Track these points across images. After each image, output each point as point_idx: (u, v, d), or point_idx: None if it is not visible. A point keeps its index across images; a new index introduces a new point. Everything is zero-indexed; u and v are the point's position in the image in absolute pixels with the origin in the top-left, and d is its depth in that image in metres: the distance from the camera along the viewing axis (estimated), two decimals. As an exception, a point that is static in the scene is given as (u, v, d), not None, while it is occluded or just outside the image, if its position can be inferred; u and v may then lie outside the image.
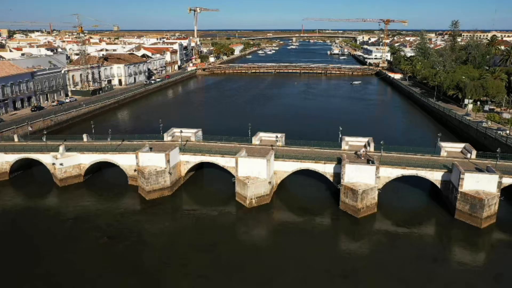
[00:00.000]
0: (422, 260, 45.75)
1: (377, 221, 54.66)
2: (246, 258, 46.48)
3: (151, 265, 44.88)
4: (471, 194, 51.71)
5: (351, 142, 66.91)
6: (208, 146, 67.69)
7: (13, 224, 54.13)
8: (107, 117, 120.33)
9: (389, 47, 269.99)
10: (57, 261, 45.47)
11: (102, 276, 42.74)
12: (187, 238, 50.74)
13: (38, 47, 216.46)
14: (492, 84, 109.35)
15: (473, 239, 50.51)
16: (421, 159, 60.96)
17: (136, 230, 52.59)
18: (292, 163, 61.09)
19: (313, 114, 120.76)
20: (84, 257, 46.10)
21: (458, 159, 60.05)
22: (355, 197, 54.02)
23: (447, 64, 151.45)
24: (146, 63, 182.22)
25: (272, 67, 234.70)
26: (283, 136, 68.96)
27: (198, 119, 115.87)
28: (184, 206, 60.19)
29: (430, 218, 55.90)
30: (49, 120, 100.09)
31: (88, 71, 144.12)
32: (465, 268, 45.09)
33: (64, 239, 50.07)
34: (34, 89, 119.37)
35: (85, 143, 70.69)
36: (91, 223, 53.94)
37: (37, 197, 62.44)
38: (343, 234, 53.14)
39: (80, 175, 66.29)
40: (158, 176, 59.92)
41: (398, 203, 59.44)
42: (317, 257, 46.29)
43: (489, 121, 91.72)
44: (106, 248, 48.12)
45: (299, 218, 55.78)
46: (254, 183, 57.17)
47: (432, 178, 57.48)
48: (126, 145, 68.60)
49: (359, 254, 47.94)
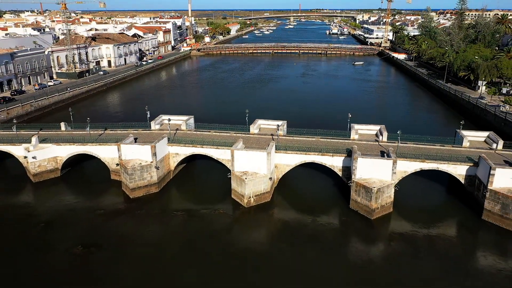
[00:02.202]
0: (445, 271, 39.37)
1: (393, 222, 47.97)
2: (244, 267, 39.97)
3: (133, 278, 38.14)
4: (503, 192, 44.85)
5: (361, 131, 59.59)
6: (200, 135, 60.21)
7: (-24, 228, 47.06)
8: (94, 101, 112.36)
9: (391, 26, 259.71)
10: (24, 271, 38.64)
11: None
12: (176, 245, 43.96)
13: (24, 26, 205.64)
14: (507, 64, 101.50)
15: (504, 245, 43.91)
16: (441, 150, 53.88)
17: (117, 235, 45.60)
18: (295, 155, 53.85)
19: (316, 98, 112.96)
20: (53, 273, 39.19)
21: (483, 150, 53.08)
22: (369, 195, 47.07)
23: (455, 44, 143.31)
24: (137, 43, 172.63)
25: (270, 47, 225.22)
26: (285, 124, 61.51)
27: (190, 104, 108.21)
28: (173, 206, 53.07)
29: (454, 218, 49.16)
30: (29, 105, 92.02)
31: (75, 52, 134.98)
32: (496, 278, 38.60)
33: (34, 245, 43.24)
34: (15, 71, 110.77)
35: (62, 133, 63.10)
36: (66, 226, 46.97)
37: (8, 194, 55.24)
38: (354, 238, 46.28)
39: (56, 169, 58.94)
40: (143, 171, 52.68)
41: (415, 201, 52.63)
42: (324, 266, 39.88)
43: (507, 105, 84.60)
44: (80, 260, 41.11)
45: (304, 219, 48.87)
46: (253, 180, 50.05)
47: (455, 173, 50.51)
48: (109, 134, 61.10)
49: (374, 262, 41.31)
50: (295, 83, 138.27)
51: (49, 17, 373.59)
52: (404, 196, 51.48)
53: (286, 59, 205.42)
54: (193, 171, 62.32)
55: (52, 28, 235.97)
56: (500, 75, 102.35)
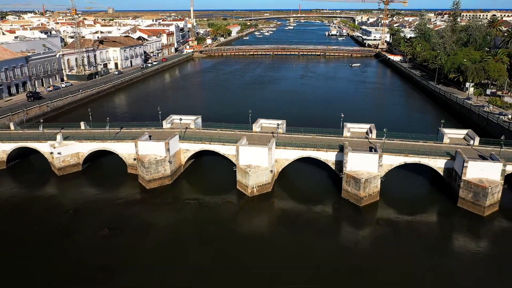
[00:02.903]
0: (425, 250, 45.68)
1: (380, 209, 54.36)
2: (248, 249, 46.19)
3: (153, 256, 44.57)
4: (474, 182, 51.34)
5: (353, 129, 66.09)
6: (208, 133, 66.75)
7: (13, 214, 53.48)
8: (104, 102, 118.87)
9: (388, 28, 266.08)
10: (58, 252, 45.08)
11: (104, 267, 42.41)
12: (188, 229, 50.33)
13: (32, 29, 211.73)
14: (493, 66, 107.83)
15: (475, 228, 50.40)
16: (424, 146, 60.37)
17: (137, 220, 52.08)
18: (294, 151, 60.36)
19: (313, 99, 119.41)
20: (85, 248, 45.71)
21: (461, 146, 59.52)
22: (358, 185, 53.56)
23: (447, 46, 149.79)
24: (142, 46, 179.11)
25: (270, 49, 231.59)
26: (284, 123, 68.01)
27: (196, 104, 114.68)
28: (184, 195, 59.55)
29: (433, 206, 55.66)
30: (45, 106, 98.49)
31: (84, 55, 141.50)
32: (468, 257, 45.06)
33: (65, 230, 49.62)
34: (29, 74, 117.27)
35: (83, 131, 69.57)
36: (91, 213, 53.43)
37: (36, 186, 61.66)
38: (345, 223, 52.83)
39: (78, 164, 65.44)
40: (158, 165, 59.15)
41: (400, 191, 59.07)
42: (319, 247, 46.09)
43: (490, 105, 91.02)
44: (106, 239, 47.66)
45: (301, 206, 55.38)
46: (256, 172, 56.54)
47: (435, 166, 57.00)
48: (125, 133, 67.54)
49: (362, 243, 47.77)
50: (294, 84, 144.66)
51: (53, 19, 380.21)
52: (390, 187, 57.89)
53: (286, 60, 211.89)
54: (202, 165, 68.81)
55: (57, 31, 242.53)
56: (487, 77, 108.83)
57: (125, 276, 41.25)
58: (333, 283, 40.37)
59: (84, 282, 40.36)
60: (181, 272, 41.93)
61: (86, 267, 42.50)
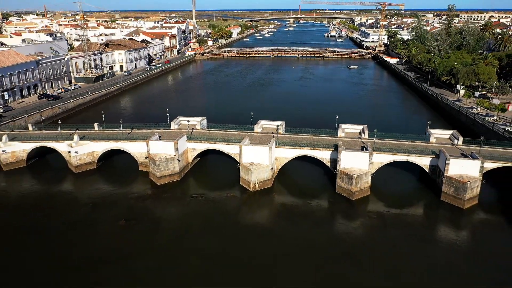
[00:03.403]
0: (410, 239, 51.03)
1: (370, 203, 59.70)
2: (251, 237, 51.53)
3: (164, 243, 49.98)
4: (455, 178, 56.71)
5: (347, 130, 71.45)
6: (213, 134, 72.11)
7: (36, 207, 58.78)
8: (111, 104, 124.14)
9: (386, 30, 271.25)
10: (80, 241, 50.37)
11: (123, 252, 47.77)
12: (196, 220, 55.61)
13: (37, 32, 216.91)
14: (483, 70, 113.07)
15: (456, 219, 55.75)
16: (412, 145, 65.72)
17: (150, 213, 57.53)
18: (292, 150, 65.74)
19: (311, 100, 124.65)
20: (105, 237, 51.09)
21: (445, 145, 64.83)
22: (350, 181, 58.94)
23: (442, 49, 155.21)
24: (146, 48, 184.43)
25: (270, 51, 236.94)
26: (283, 124, 73.38)
27: (200, 106, 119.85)
28: (192, 191, 64.91)
29: (419, 199, 61.06)
30: (57, 108, 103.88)
31: (91, 58, 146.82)
32: (449, 245, 50.37)
33: (85, 222, 54.93)
34: (40, 76, 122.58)
35: (96, 132, 74.94)
36: (108, 206, 58.81)
37: (55, 182, 67.03)
38: (338, 215, 58.20)
39: (93, 162, 70.83)
40: (167, 163, 64.53)
41: (389, 186, 64.43)
42: (315, 237, 51.38)
43: (479, 107, 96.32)
44: (124, 229, 53.05)
45: (299, 200, 60.81)
46: (257, 169, 61.92)
47: (421, 163, 62.37)
48: (136, 133, 72.91)
49: (354, 233, 53.17)
50: (293, 86, 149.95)
51: (56, 21, 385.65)
52: (381, 182, 63.28)
53: (286, 62, 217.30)
54: (207, 163, 74.17)
55: (62, 33, 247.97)
56: (478, 80, 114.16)
57: (142, 259, 46.62)
58: (327, 266, 45.70)
59: (106, 264, 45.74)
60: (190, 256, 47.33)
61: (107, 252, 47.90)
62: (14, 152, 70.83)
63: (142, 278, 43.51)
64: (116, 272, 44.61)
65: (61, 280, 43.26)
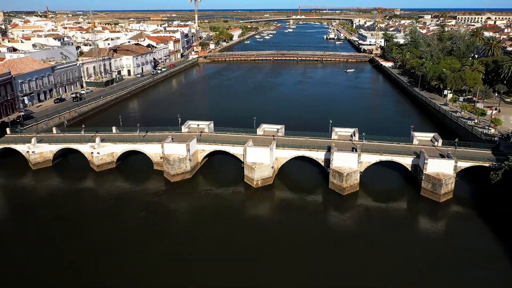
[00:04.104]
0: (393, 228, 59.35)
1: (359, 197, 68.02)
2: (254, 227, 59.85)
3: (179, 232, 58.28)
4: (432, 175, 65.04)
5: (340, 133, 79.77)
6: (219, 136, 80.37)
7: (65, 201, 67.03)
8: (121, 107, 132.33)
9: (383, 34, 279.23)
10: (107, 229, 58.65)
11: (144, 238, 56.12)
12: (205, 212, 63.84)
13: (46, 36, 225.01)
14: (470, 75, 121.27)
15: (433, 211, 64.05)
16: (397, 147, 74.04)
17: (165, 206, 66.02)
18: (290, 151, 74.04)
19: (309, 104, 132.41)
20: (129, 226, 59.42)
21: (427, 147, 73.19)
22: (341, 178, 67.26)
23: (434, 54, 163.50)
24: (151, 53, 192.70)
25: (271, 55, 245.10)
26: (283, 127, 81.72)
27: (205, 109, 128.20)
28: (202, 187, 73.25)
29: (402, 194, 69.48)
30: (74, 112, 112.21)
31: (100, 63, 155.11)
32: (425, 233, 58.82)
33: (110, 213, 63.33)
34: (55, 82, 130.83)
35: (114, 134, 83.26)
36: (129, 201, 67.16)
37: (80, 180, 75.37)
38: (331, 208, 66.56)
39: (113, 162, 79.12)
40: (180, 162, 72.86)
41: (376, 183, 72.69)
42: (310, 226, 59.66)
43: (463, 111, 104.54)
44: (145, 219, 61.43)
45: (296, 195, 69.22)
46: (260, 168, 70.26)
47: (404, 163, 70.71)
48: (150, 136, 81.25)
49: (344, 223, 61.67)
50: (292, 90, 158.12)
51: (60, 23, 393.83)
52: (369, 179, 71.58)
53: (285, 65, 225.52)
54: (215, 163, 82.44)
55: (68, 37, 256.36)
56: (464, 85, 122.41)
57: (160, 244, 54.96)
58: (319, 250, 53.98)
59: (130, 248, 54.03)
60: (200, 242, 55.44)
61: (132, 237, 56.21)
62: (41, 153, 79.14)
63: (162, 259, 51.72)
64: (140, 254, 52.82)
65: (93, 260, 51.47)
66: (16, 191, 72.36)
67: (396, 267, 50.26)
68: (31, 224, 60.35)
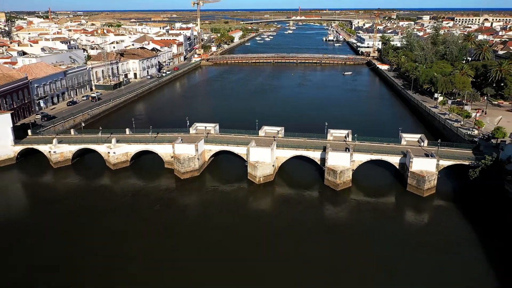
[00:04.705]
0: (382, 219, 66.61)
1: (351, 193, 75.39)
2: (256, 219, 67.22)
3: (190, 223, 65.61)
4: (417, 172, 72.40)
5: (335, 134, 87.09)
6: (225, 138, 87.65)
7: (85, 195, 74.34)
8: (129, 109, 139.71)
9: (380, 36, 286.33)
10: (124, 222, 65.92)
11: (161, 228, 63.51)
12: (212, 206, 71.28)
13: (53, 40, 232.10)
14: (459, 79, 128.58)
15: (417, 204, 71.38)
16: (386, 147, 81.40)
17: (177, 200, 73.45)
18: (290, 150, 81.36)
19: (307, 107, 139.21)
20: (145, 218, 66.82)
21: (413, 147, 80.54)
22: (335, 175, 74.62)
23: (428, 58, 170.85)
24: (156, 57, 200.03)
25: (271, 58, 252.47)
26: (283, 129, 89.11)
27: (210, 112, 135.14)
28: (209, 183, 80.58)
29: (390, 190, 76.88)
30: (87, 114, 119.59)
31: (109, 67, 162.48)
32: (410, 224, 66.37)
33: (127, 207, 70.70)
34: (66, 85, 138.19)
35: (128, 135, 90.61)
36: (144, 196, 74.56)
37: (98, 177, 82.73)
38: (326, 202, 73.84)
39: (127, 161, 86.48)
40: (189, 161, 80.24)
41: (367, 179, 79.99)
42: (307, 218, 67.02)
43: (451, 113, 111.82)
44: (159, 212, 68.87)
45: (295, 191, 76.59)
46: (262, 166, 77.62)
47: (393, 161, 78.06)
48: (160, 137, 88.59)
49: (337, 215, 69.12)
50: (291, 93, 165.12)
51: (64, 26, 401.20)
52: (361, 176, 78.92)
53: (285, 68, 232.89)
54: (220, 162, 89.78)
55: (74, 40, 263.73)
56: (454, 88, 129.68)
57: (173, 233, 62.36)
58: (315, 239, 61.31)
59: (147, 236, 61.39)
60: (208, 231, 62.78)
61: (147, 229, 63.55)
62: (62, 153, 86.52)
63: (175, 245, 59.07)
64: (156, 242, 60.16)
65: (114, 247, 58.84)
66: (40, 187, 79.88)
67: (383, 253, 57.45)
68: (56, 215, 67.69)
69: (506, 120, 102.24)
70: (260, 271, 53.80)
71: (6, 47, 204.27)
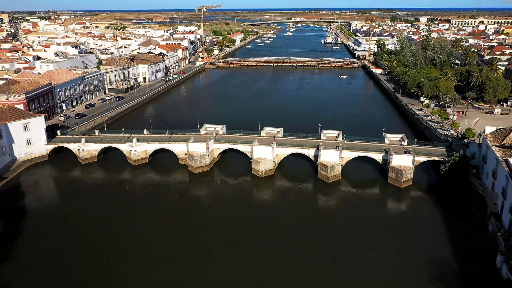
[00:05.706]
0: (366, 207, 79.01)
1: (341, 184, 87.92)
2: (260, 208, 79.80)
3: (202, 211, 78.02)
4: (396, 167, 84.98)
5: (327, 134, 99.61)
6: (231, 137, 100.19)
7: (113, 188, 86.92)
8: (141, 111, 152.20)
9: (376, 40, 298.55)
10: (150, 209, 78.47)
11: (179, 213, 76.09)
12: (221, 196, 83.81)
13: (64, 44, 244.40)
14: (443, 84, 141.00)
15: (396, 194, 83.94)
16: (372, 145, 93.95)
17: (191, 192, 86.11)
18: (288, 148, 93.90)
19: (305, 109, 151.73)
20: (166, 206, 79.39)
21: (395, 145, 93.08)
22: (327, 170, 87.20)
23: (417, 63, 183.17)
24: (163, 61, 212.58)
25: (271, 61, 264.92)
26: (282, 130, 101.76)
27: (215, 114, 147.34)
28: (217, 177, 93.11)
29: (374, 182, 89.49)
30: (105, 116, 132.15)
31: (121, 72, 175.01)
32: (390, 210, 79.04)
33: (151, 196, 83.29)
34: (84, 89, 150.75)
35: (146, 135, 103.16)
36: (163, 187, 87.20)
37: (121, 172, 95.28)
38: (319, 193, 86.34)
39: (146, 158, 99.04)
40: (201, 158, 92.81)
41: (355, 173, 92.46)
42: (303, 206, 79.44)
43: (433, 115, 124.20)
44: (178, 200, 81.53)
45: (292, 183, 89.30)
46: (264, 162, 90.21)
47: (376, 158, 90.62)
48: (175, 137, 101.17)
49: (328, 203, 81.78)
50: (290, 96, 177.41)
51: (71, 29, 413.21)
52: (349, 171, 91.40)
53: (285, 71, 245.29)
54: (227, 158, 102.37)
55: (82, 44, 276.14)
56: (439, 92, 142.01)
57: (190, 218, 74.87)
58: (308, 225, 73.76)
59: (168, 219, 73.91)
60: (218, 217, 75.13)
61: (168, 213, 76.14)
62: (89, 151, 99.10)
63: (191, 228, 71.57)
64: (176, 223, 72.78)
65: (149, 229, 71.41)
66: (71, 180, 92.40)
67: (366, 233, 69.67)
68: (87, 205, 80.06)
69: (483, 121, 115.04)
70: (263, 247, 66.30)
71: (21, 52, 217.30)
